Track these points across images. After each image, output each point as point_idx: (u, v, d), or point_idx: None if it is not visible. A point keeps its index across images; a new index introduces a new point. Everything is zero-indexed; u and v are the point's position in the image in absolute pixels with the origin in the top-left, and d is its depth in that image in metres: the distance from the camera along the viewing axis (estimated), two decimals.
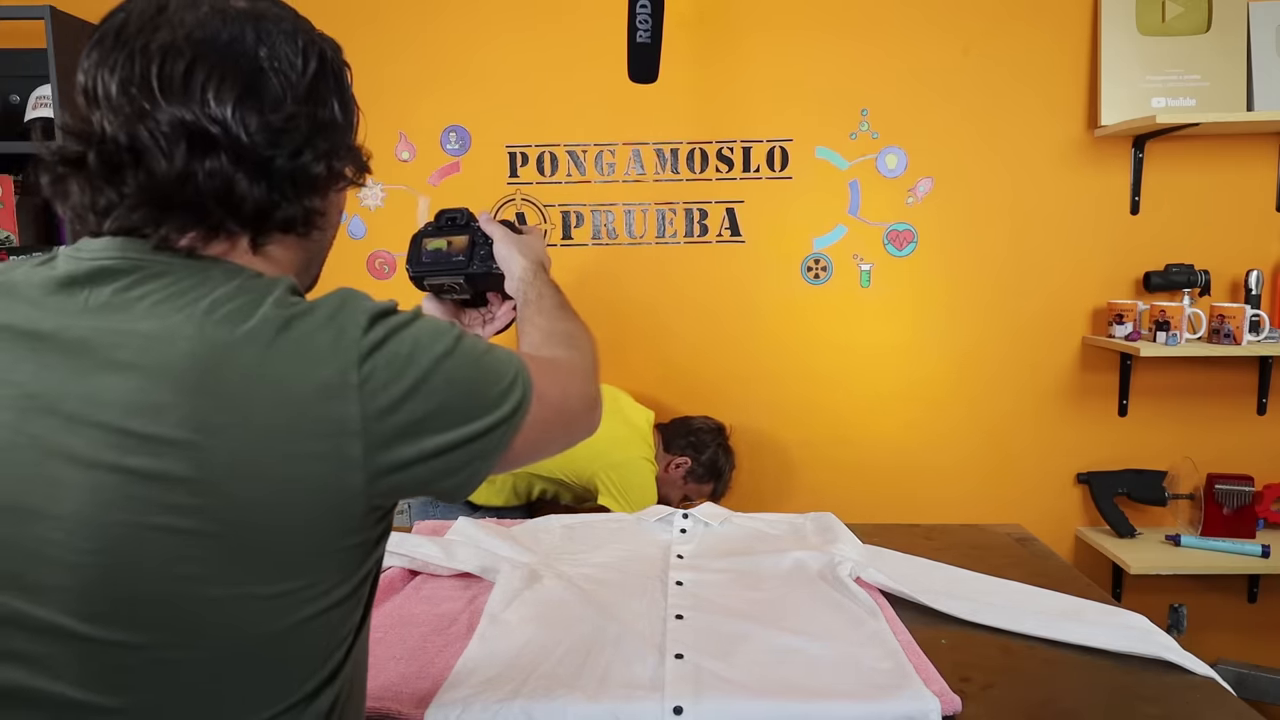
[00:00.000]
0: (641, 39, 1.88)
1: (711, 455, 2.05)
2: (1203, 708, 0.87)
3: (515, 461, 0.68)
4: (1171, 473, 2.19)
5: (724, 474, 2.07)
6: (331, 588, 0.60)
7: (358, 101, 0.72)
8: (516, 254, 0.97)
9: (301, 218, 0.67)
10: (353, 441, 0.58)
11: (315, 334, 0.59)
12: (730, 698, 0.84)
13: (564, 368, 0.78)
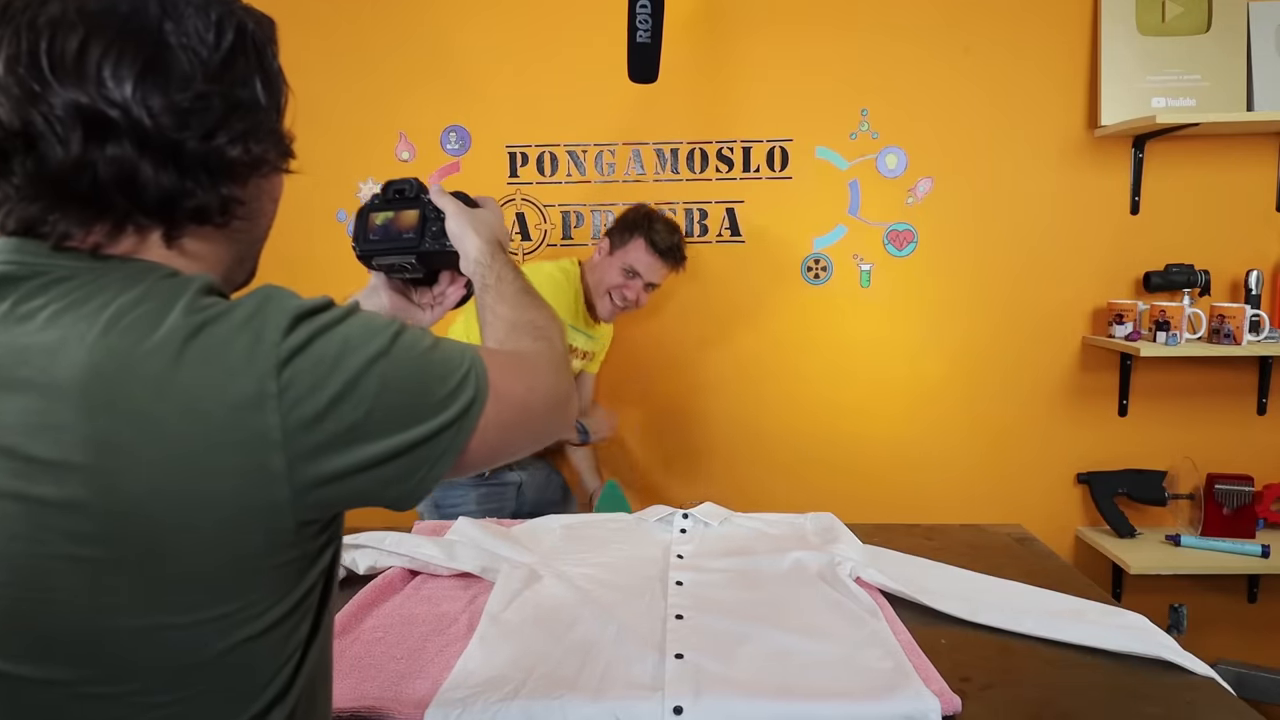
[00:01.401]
0: (641, 39, 1.88)
1: (620, 216, 1.99)
2: (1202, 707, 0.87)
3: (473, 465, 0.63)
4: (1171, 473, 2.19)
5: (639, 222, 1.94)
6: (266, 609, 0.56)
7: (287, 80, 0.65)
8: (470, 232, 0.88)
9: (217, 207, 0.60)
10: (274, 455, 0.53)
11: (229, 341, 0.54)
12: (730, 697, 0.84)
13: (529, 362, 0.72)
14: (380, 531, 1.28)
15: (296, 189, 2.51)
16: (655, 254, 1.91)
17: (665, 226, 1.93)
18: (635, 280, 1.92)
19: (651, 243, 1.90)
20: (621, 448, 2.35)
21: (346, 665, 0.94)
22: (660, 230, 1.92)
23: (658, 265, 1.92)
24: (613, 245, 1.95)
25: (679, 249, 1.94)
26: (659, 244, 1.90)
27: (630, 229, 1.93)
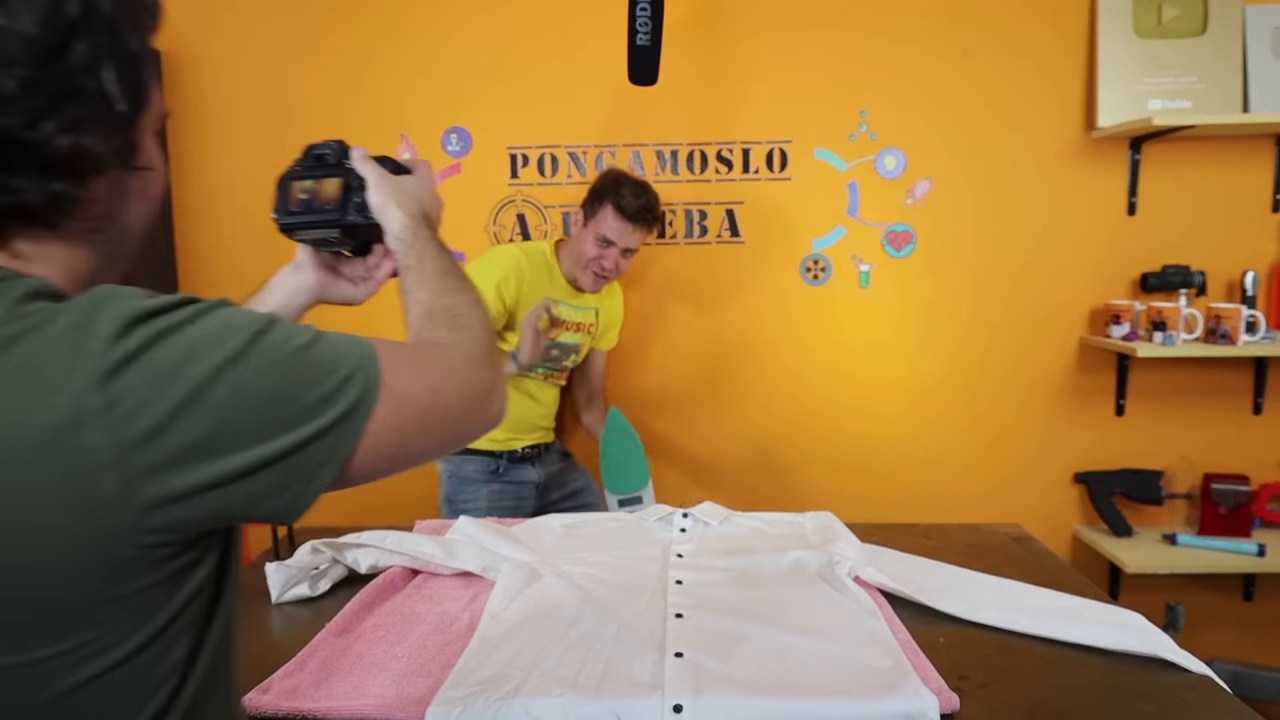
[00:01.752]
0: (641, 41, 1.89)
1: (590, 186, 1.93)
2: (1199, 706, 0.88)
3: (364, 475, 0.57)
4: (1168, 472, 2.20)
5: (606, 189, 1.87)
6: (119, 641, 0.51)
7: (157, 70, 0.59)
8: (392, 204, 0.81)
9: (45, 204, 0.53)
10: (105, 477, 0.47)
11: (47, 352, 0.48)
12: (730, 696, 0.85)
13: (439, 356, 0.66)
14: (381, 531, 1.29)
15: None
16: (625, 219, 1.85)
17: (633, 190, 1.86)
18: (610, 249, 1.88)
19: (620, 209, 1.84)
20: None
21: (348, 664, 0.95)
22: (627, 195, 1.85)
23: (629, 230, 1.87)
24: (585, 216, 1.91)
25: (649, 210, 1.87)
26: (627, 209, 1.84)
27: (599, 198, 1.88)
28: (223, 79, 2.24)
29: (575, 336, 2.02)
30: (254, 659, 0.98)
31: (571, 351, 2.02)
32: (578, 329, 2.02)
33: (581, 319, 2.02)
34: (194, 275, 2.30)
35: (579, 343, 2.03)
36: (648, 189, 1.89)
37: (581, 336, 2.03)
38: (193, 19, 2.23)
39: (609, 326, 2.15)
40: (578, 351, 2.04)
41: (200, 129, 2.26)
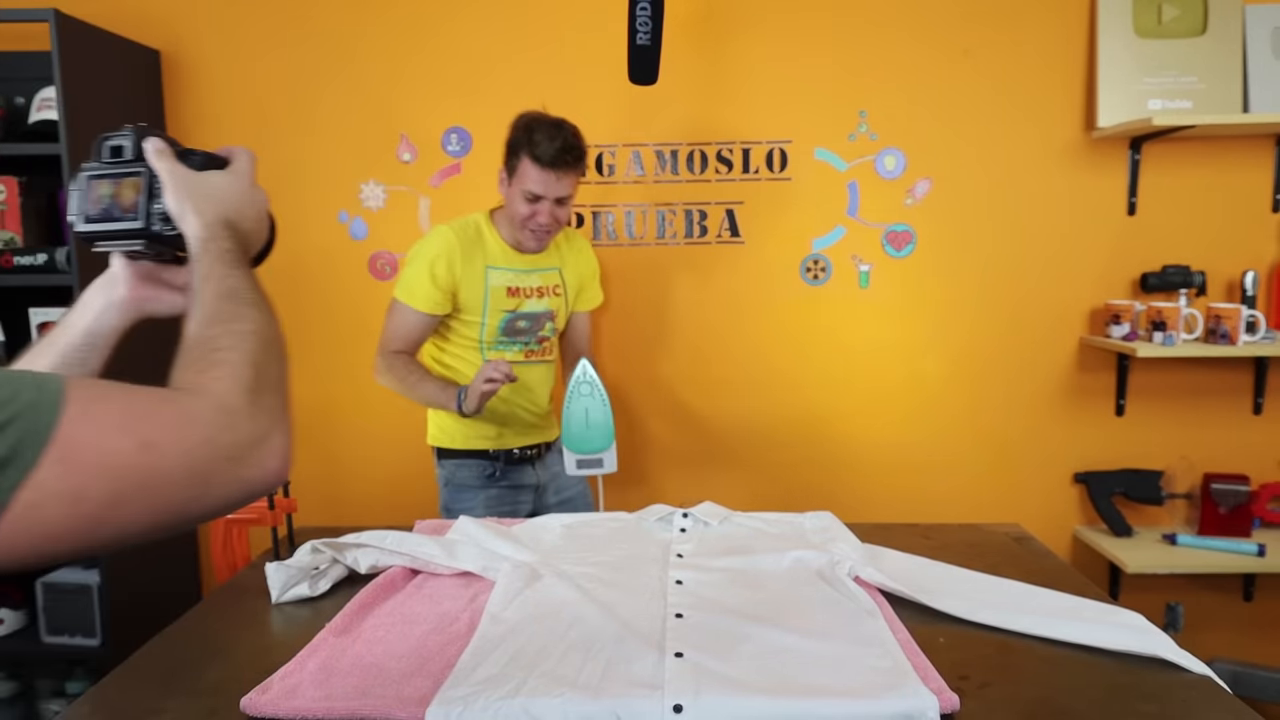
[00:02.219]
0: (641, 41, 1.89)
1: (506, 139, 1.77)
2: (1199, 706, 0.88)
3: (20, 557, 0.46)
4: (1168, 472, 2.20)
5: (519, 139, 1.72)
6: None
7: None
8: (189, 210, 0.70)
9: None
10: None
11: None
12: (730, 696, 0.84)
13: (172, 405, 0.53)
14: (381, 531, 1.29)
15: (298, 190, 2.54)
16: (545, 168, 1.70)
17: (546, 133, 1.70)
18: (540, 203, 1.74)
19: (536, 158, 1.70)
20: None
21: (347, 664, 0.95)
22: (541, 141, 1.69)
23: (553, 179, 1.71)
24: (507, 174, 1.77)
25: (569, 150, 1.70)
26: (544, 156, 1.69)
27: (513, 151, 1.74)
28: (221, 79, 2.25)
29: (542, 302, 1.88)
30: (253, 659, 0.98)
31: (544, 319, 1.89)
32: (540, 293, 1.88)
33: (542, 282, 1.88)
34: None
35: (550, 308, 1.89)
36: (564, 126, 1.73)
37: (551, 300, 1.89)
38: (192, 18, 2.23)
39: (583, 283, 1.99)
40: (552, 318, 1.91)
41: (199, 129, 2.26)
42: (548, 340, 1.93)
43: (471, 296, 1.82)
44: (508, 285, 1.83)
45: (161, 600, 2.20)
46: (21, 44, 2.19)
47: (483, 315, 1.83)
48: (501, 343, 1.87)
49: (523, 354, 1.90)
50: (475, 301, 1.82)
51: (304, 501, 1.57)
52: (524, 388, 1.87)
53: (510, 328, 1.85)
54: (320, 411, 2.34)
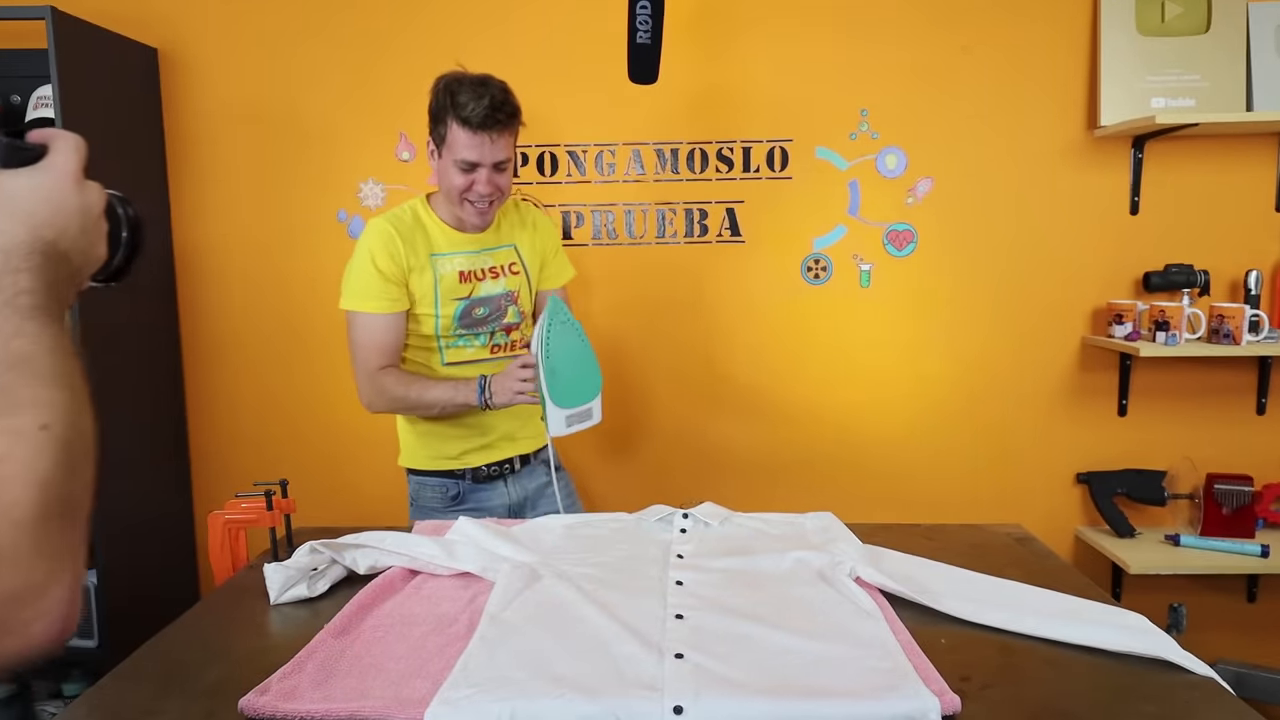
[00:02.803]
0: (641, 39, 1.89)
1: (428, 107, 1.60)
2: (1202, 707, 0.87)
3: None
4: (1171, 473, 2.19)
5: (442, 104, 1.56)
6: None
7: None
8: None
9: None
10: None
11: None
12: (730, 697, 0.84)
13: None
14: (380, 531, 1.28)
15: (297, 190, 2.54)
16: (475, 130, 1.53)
17: (472, 92, 1.54)
18: (477, 171, 1.56)
19: (464, 121, 1.53)
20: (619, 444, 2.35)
21: (346, 665, 0.94)
22: (467, 101, 1.53)
23: (486, 142, 1.54)
24: (435, 145, 1.60)
25: (501, 107, 1.54)
26: (472, 118, 1.52)
27: (438, 118, 1.57)
28: (219, 77, 2.24)
29: (499, 283, 1.69)
30: (252, 660, 0.97)
31: (503, 303, 1.69)
32: (495, 274, 1.69)
33: (495, 261, 1.69)
34: (192, 274, 2.30)
35: (509, 288, 1.70)
36: (490, 83, 1.56)
37: (509, 280, 1.70)
38: (190, 17, 2.22)
39: (545, 258, 1.78)
40: (514, 300, 1.70)
41: (198, 128, 2.26)
42: (515, 328, 1.72)
43: (421, 288, 1.63)
44: (459, 270, 1.65)
45: (159, 601, 2.19)
46: (18, 42, 2.18)
47: (435, 307, 1.63)
48: (461, 336, 1.66)
49: (488, 349, 1.69)
50: (425, 293, 1.63)
51: (302, 502, 1.57)
52: None
53: (467, 316, 1.65)
54: (318, 411, 2.33)
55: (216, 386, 2.34)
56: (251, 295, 2.29)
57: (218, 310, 2.31)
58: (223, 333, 2.32)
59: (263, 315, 2.30)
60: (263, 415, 2.34)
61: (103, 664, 2.10)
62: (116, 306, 2.07)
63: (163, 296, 2.26)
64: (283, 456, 2.34)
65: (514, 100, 1.59)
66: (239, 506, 1.38)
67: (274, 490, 1.37)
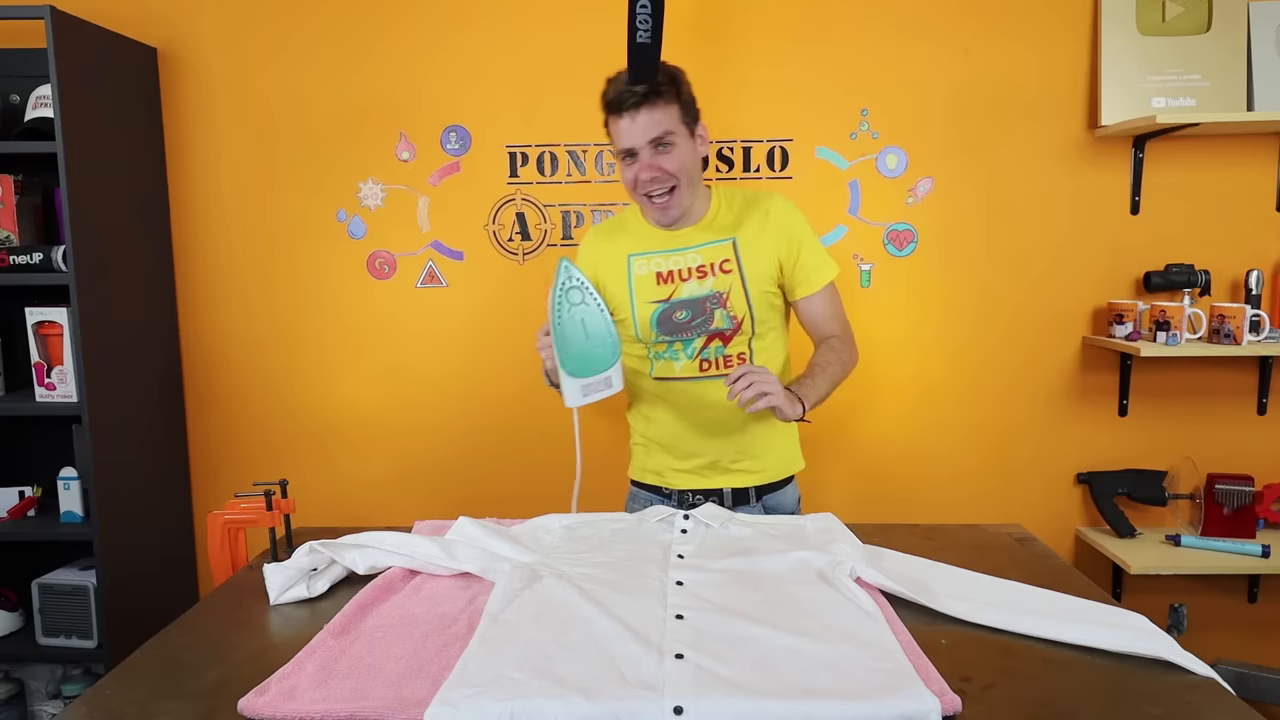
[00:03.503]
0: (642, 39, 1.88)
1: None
2: (1203, 708, 0.87)
3: None
4: (1171, 473, 2.19)
5: (600, 101, 1.49)
6: None
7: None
8: None
9: None
10: None
11: None
12: (731, 698, 0.84)
13: None
14: (380, 531, 1.28)
15: (296, 189, 2.53)
16: (619, 114, 1.45)
17: (614, 78, 1.49)
18: (635, 158, 1.47)
19: (610, 107, 1.46)
20: None
21: (346, 665, 0.94)
22: (608, 87, 1.48)
23: (631, 124, 1.45)
24: (613, 151, 1.54)
25: (639, 78, 1.43)
26: (614, 101, 1.45)
27: (605, 121, 1.51)
28: (219, 76, 2.24)
29: (704, 284, 1.51)
30: (251, 660, 0.97)
31: (709, 306, 1.50)
32: (702, 273, 1.51)
33: (704, 259, 1.51)
34: (192, 273, 2.30)
35: (717, 289, 1.51)
36: (638, 55, 1.43)
37: (718, 281, 1.50)
38: (189, 16, 2.22)
39: (785, 255, 1.53)
40: (722, 302, 1.50)
41: (198, 127, 2.26)
42: (729, 337, 1.51)
43: (616, 291, 1.53)
44: (656, 271, 1.52)
45: (159, 601, 2.19)
46: (17, 41, 2.18)
47: (631, 311, 1.52)
48: (668, 345, 1.53)
49: (696, 365, 1.52)
50: (621, 296, 1.53)
51: (302, 502, 1.57)
52: (697, 408, 1.53)
53: (667, 321, 1.50)
54: (318, 411, 2.33)
55: (216, 386, 2.34)
56: (251, 295, 2.29)
57: (218, 310, 2.31)
58: (223, 333, 2.32)
59: (263, 315, 2.30)
60: (263, 415, 2.34)
61: (102, 664, 2.11)
62: (116, 306, 2.07)
63: (163, 296, 2.26)
64: (283, 456, 2.34)
65: (670, 74, 1.47)
66: (239, 506, 1.38)
67: (274, 490, 1.37)
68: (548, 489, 1.85)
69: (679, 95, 1.48)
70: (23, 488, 2.19)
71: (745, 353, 1.52)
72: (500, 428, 2.32)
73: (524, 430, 2.29)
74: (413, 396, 2.32)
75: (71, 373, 2.01)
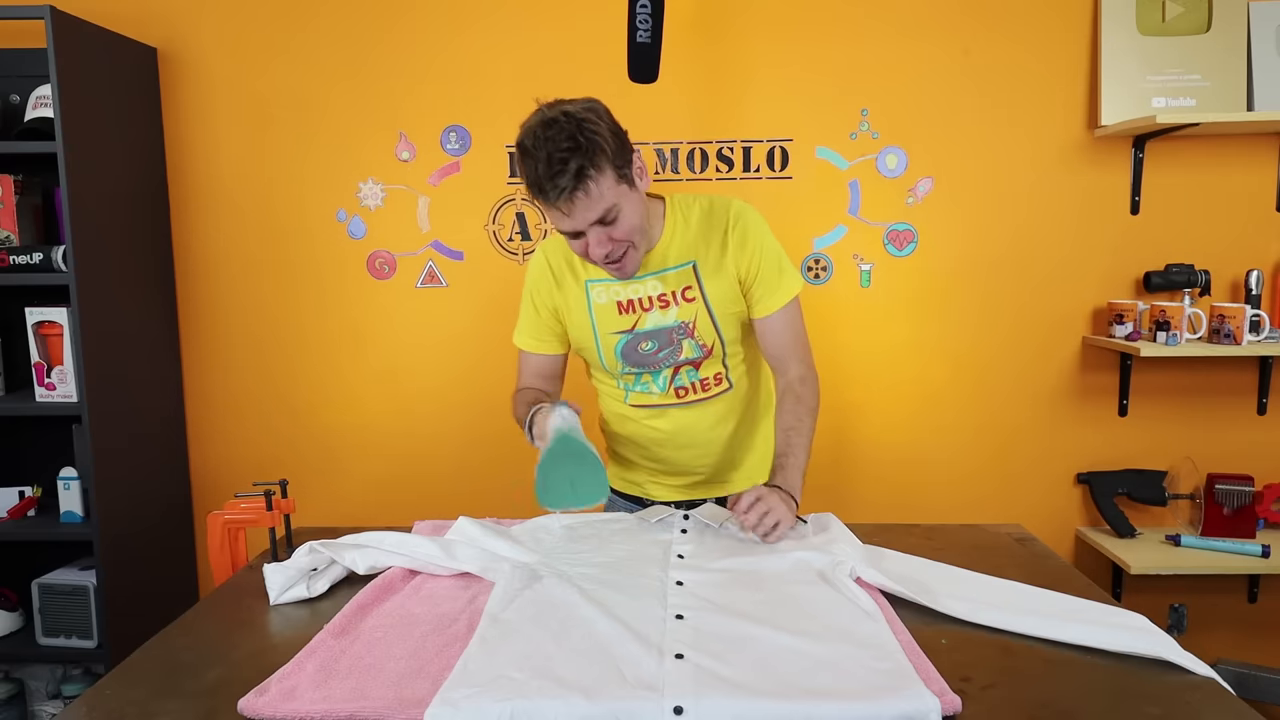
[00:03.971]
0: (642, 39, 1.88)
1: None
2: (1203, 708, 0.87)
3: None
4: (1172, 473, 2.19)
5: (522, 172, 1.27)
6: None
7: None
8: None
9: None
10: None
11: None
12: (731, 698, 0.84)
13: None
14: (380, 531, 1.28)
15: (296, 189, 2.52)
16: (550, 205, 1.25)
17: (531, 153, 1.23)
18: (582, 238, 1.29)
19: (534, 194, 1.26)
20: None
21: (346, 665, 0.94)
22: (529, 169, 1.24)
23: (567, 214, 1.25)
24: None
25: (559, 165, 1.20)
26: (536, 190, 1.24)
27: (525, 181, 1.27)
28: (218, 76, 2.24)
29: (668, 314, 1.40)
30: (251, 660, 0.97)
31: (676, 337, 1.40)
32: (665, 302, 1.40)
33: (665, 288, 1.40)
34: (192, 273, 2.30)
35: (682, 319, 1.40)
36: (551, 132, 1.23)
37: (682, 310, 1.40)
38: (188, 16, 2.22)
39: (748, 276, 1.42)
40: (689, 332, 1.41)
41: (198, 126, 2.25)
42: (699, 364, 1.43)
43: (577, 323, 1.43)
44: (616, 300, 1.40)
45: (158, 601, 2.19)
46: (17, 41, 2.18)
47: (595, 341, 1.42)
48: (635, 374, 1.44)
49: (671, 393, 1.45)
50: (583, 328, 1.43)
51: (302, 502, 1.57)
52: (677, 430, 1.47)
53: (632, 354, 1.41)
54: (318, 411, 2.33)
55: (216, 386, 2.34)
56: (251, 295, 2.29)
57: (218, 310, 2.31)
58: (223, 333, 2.32)
59: (263, 315, 2.30)
60: (263, 415, 2.34)
61: (102, 664, 2.11)
62: (116, 306, 2.07)
63: (163, 296, 2.26)
64: (283, 456, 2.34)
65: (584, 140, 1.23)
66: (239, 506, 1.38)
67: (273, 490, 1.37)
68: None
69: (606, 155, 1.27)
70: (23, 488, 2.19)
71: (721, 372, 1.46)
72: (500, 428, 2.31)
73: None
74: (412, 396, 2.32)
75: (71, 373, 2.01)
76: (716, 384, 1.46)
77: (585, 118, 1.27)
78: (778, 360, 1.47)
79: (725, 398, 1.48)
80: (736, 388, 1.49)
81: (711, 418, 1.48)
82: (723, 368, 1.46)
